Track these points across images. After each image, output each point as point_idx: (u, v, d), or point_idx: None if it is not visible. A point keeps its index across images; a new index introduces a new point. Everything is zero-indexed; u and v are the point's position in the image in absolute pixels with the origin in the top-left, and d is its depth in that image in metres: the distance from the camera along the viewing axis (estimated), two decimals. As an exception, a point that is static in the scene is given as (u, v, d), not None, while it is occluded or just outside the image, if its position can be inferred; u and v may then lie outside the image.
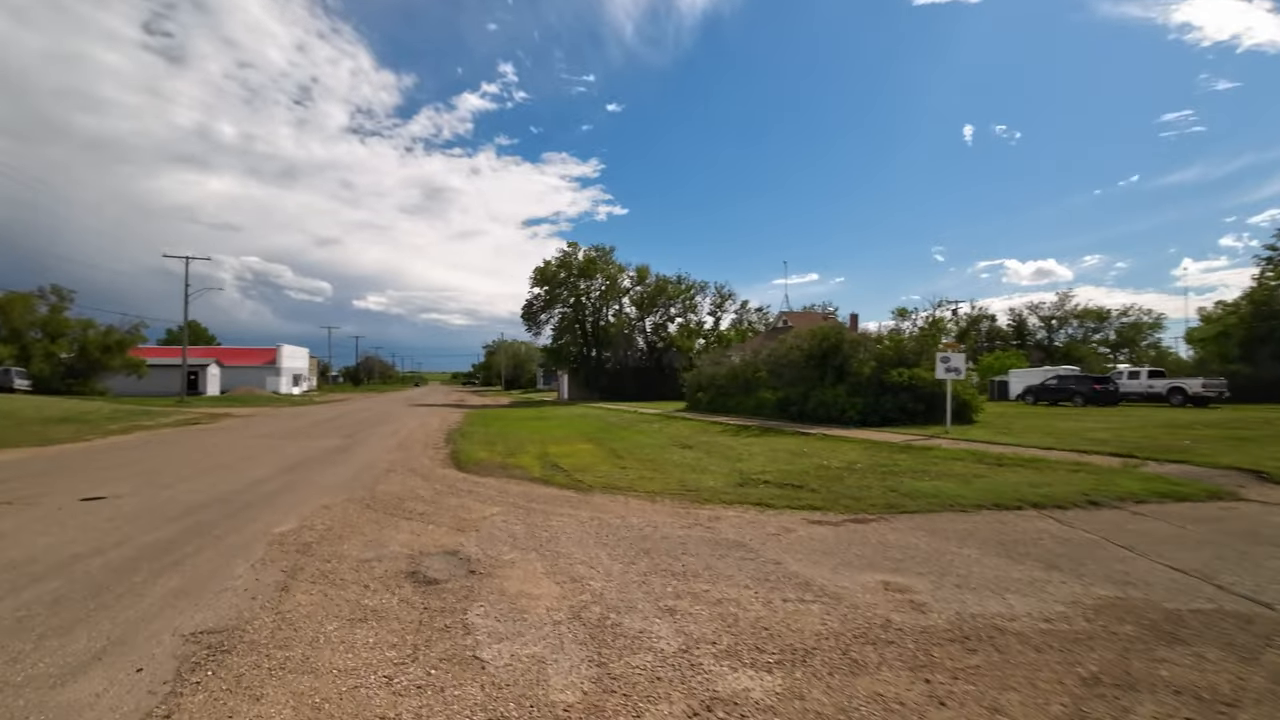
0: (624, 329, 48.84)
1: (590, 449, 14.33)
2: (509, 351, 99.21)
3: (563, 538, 6.03)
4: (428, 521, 6.72)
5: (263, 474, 9.98)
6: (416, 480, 9.67)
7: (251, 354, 65.35)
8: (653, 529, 6.40)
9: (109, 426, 20.40)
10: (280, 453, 13.11)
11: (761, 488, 8.80)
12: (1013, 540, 5.77)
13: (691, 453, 13.27)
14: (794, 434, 15.84)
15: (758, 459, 11.94)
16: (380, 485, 9.08)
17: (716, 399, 24.84)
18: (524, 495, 8.45)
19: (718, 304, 53.07)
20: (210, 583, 4.53)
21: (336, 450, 13.76)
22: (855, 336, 17.77)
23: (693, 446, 14.65)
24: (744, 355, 25.31)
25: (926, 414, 16.40)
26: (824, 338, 17.93)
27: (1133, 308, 56.63)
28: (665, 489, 8.83)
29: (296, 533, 6.07)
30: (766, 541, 5.86)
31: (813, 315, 39.75)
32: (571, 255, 48.98)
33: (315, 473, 10.25)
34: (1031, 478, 8.69)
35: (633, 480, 9.61)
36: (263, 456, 12.47)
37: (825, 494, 8.12)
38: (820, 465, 10.69)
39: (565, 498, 8.28)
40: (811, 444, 13.81)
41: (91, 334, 37.50)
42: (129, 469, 10.56)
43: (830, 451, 12.48)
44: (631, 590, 4.45)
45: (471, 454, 13.08)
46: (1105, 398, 30.27)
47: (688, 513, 7.28)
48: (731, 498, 8.08)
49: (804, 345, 18.84)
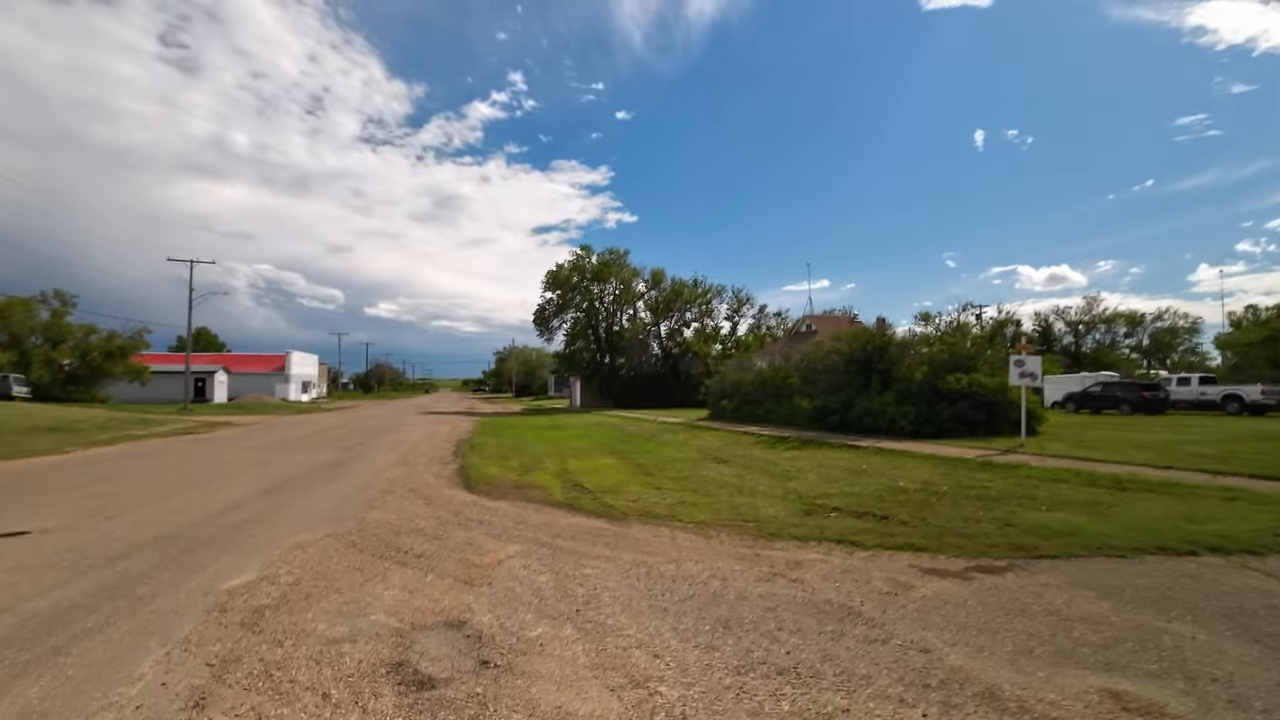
0: (638, 334, 47.31)
1: (614, 464, 12.79)
2: (520, 358, 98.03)
3: (605, 597, 4.49)
4: (426, 569, 5.20)
5: (238, 496, 8.52)
6: (417, 505, 8.17)
7: (260, 361, 64.57)
8: (721, 583, 4.84)
9: (96, 437, 19.15)
10: (267, 468, 11.68)
11: (834, 517, 7.22)
12: (1233, 609, 4.15)
13: (729, 469, 11.70)
14: (841, 447, 14.20)
15: (809, 478, 10.35)
16: (373, 512, 7.59)
17: (743, 407, 23.23)
18: (546, 527, 6.92)
19: (735, 308, 51.50)
20: (79, 698, 3.00)
21: (331, 465, 12.31)
22: (902, 339, 16.18)
23: (728, 461, 13.08)
24: (772, 360, 23.72)
25: (988, 425, 14.70)
26: (867, 340, 16.27)
27: (1167, 311, 54.39)
28: (716, 518, 7.27)
29: (250, 590, 4.56)
30: (885, 606, 4.28)
31: (837, 319, 38.04)
32: (585, 259, 47.61)
33: (300, 495, 8.78)
34: (1177, 508, 7.03)
35: (673, 506, 8.05)
36: (246, 473, 11.04)
37: (922, 528, 6.51)
38: (892, 487, 9.07)
39: (597, 531, 6.74)
40: (867, 459, 12.18)
41: (94, 340, 36.48)
42: (83, 491, 9.14)
43: (894, 469, 10.84)
44: (727, 705, 2.90)
45: (482, 470, 11.59)
46: (1154, 405, 28.38)
47: (757, 554, 5.71)
48: (803, 531, 6.50)
49: (843, 349, 17.21)
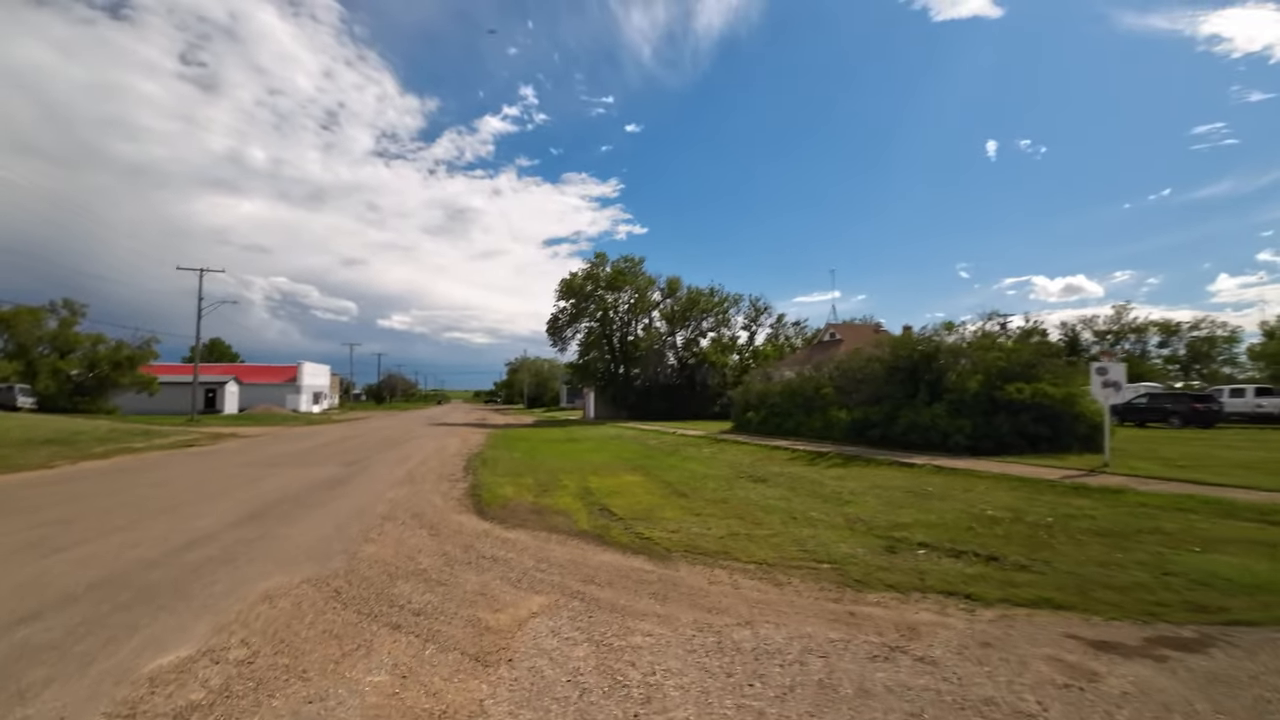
0: (654, 344, 46.01)
1: (641, 483, 11.51)
2: (531, 369, 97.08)
3: (670, 688, 3.22)
4: (426, 636, 3.95)
5: (212, 524, 7.33)
6: (421, 536, 6.95)
7: (272, 371, 64.11)
8: (824, 663, 3.54)
9: (92, 450, 18.19)
10: (256, 488, 10.52)
11: (925, 557, 5.88)
12: None
13: (772, 490, 10.37)
14: (891, 464, 12.80)
15: (868, 501, 9.00)
16: (368, 546, 6.37)
17: (770, 419, 21.85)
18: (575, 567, 5.65)
19: (752, 318, 50.05)
20: None
21: (329, 483, 11.15)
22: (954, 344, 14.80)
23: (767, 480, 11.75)
24: (801, 369, 22.36)
25: (1051, 440, 13.22)
26: (914, 346, 14.87)
27: (1205, 320, 52.15)
28: (780, 556, 5.96)
29: (182, 676, 3.34)
30: (1079, 713, 2.96)
31: (862, 328, 36.56)
32: (599, 267, 46.53)
33: (286, 522, 7.58)
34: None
35: (722, 539, 6.76)
36: (231, 494, 9.88)
37: (1051, 576, 5.15)
38: (975, 515, 7.70)
39: (639, 574, 5.46)
40: (926, 479, 10.79)
41: (102, 350, 35.88)
42: (37, 515, 7.99)
43: (965, 492, 9.45)
44: None
45: (496, 490, 10.36)
46: (1205, 418, 26.65)
47: (850, 613, 4.41)
48: (897, 577, 5.19)
49: (885, 356, 15.82)
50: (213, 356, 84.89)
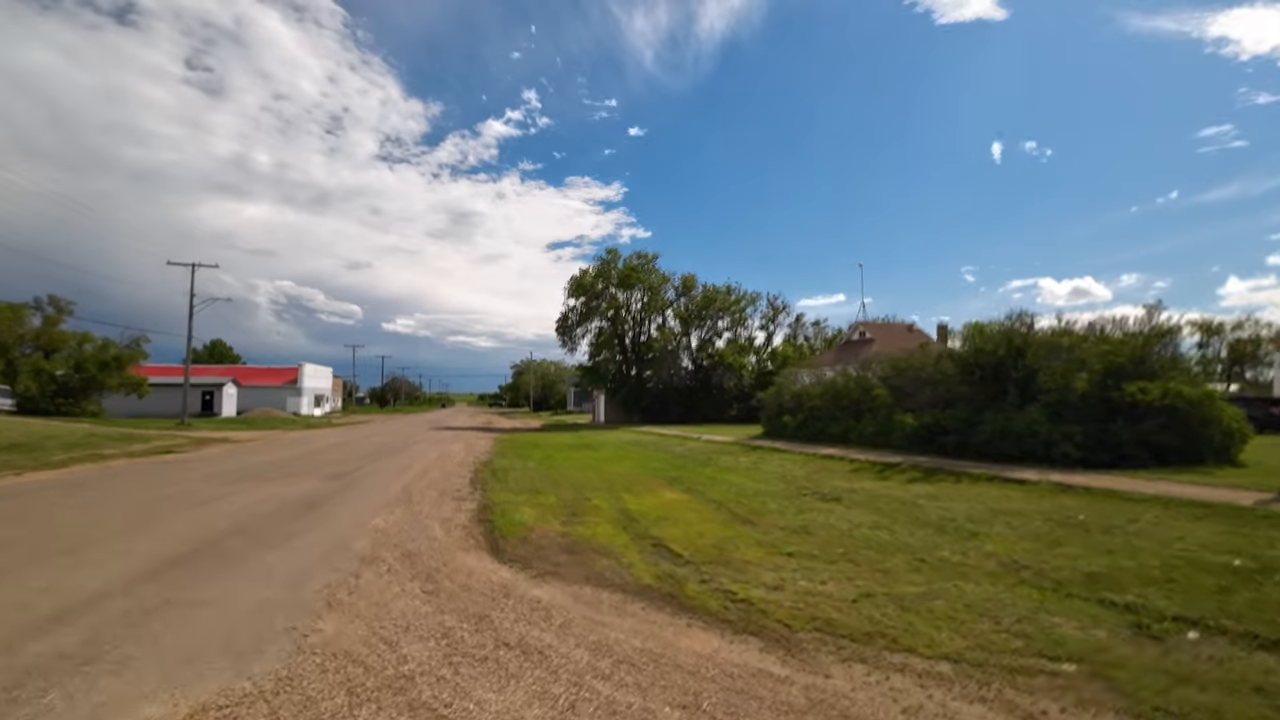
0: (668, 344, 43.74)
1: (687, 502, 9.31)
2: (537, 372, 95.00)
3: None
4: None
5: (105, 578, 5.08)
6: (412, 596, 4.75)
7: (271, 374, 62.10)
8: None
9: (52, 457, 16.09)
10: (206, 513, 8.34)
11: (1205, 645, 3.64)
12: None
13: (856, 513, 8.16)
14: (992, 479, 10.53)
15: (1003, 535, 6.78)
16: (327, 622, 4.17)
17: (808, 424, 19.58)
18: (660, 668, 3.44)
19: (770, 317, 47.82)
20: None
21: (305, 505, 8.97)
22: (1050, 337, 12.49)
23: (840, 499, 9.56)
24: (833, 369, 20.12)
25: (1181, 450, 10.90)
26: (1004, 338, 12.54)
27: (1248, 319, 49.53)
28: (972, 642, 3.75)
29: None
30: None
31: (894, 326, 34.17)
32: (611, 263, 44.29)
33: (214, 575, 5.36)
34: None
35: (855, 602, 4.54)
36: (167, 522, 7.70)
37: None
38: (1198, 561, 5.44)
39: (770, 686, 3.23)
40: (1060, 501, 8.52)
41: (88, 349, 33.87)
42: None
43: (1128, 522, 7.18)
44: None
45: (512, 513, 8.17)
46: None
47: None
48: (1202, 697, 2.96)
49: (961, 352, 13.55)
50: (214, 358, 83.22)
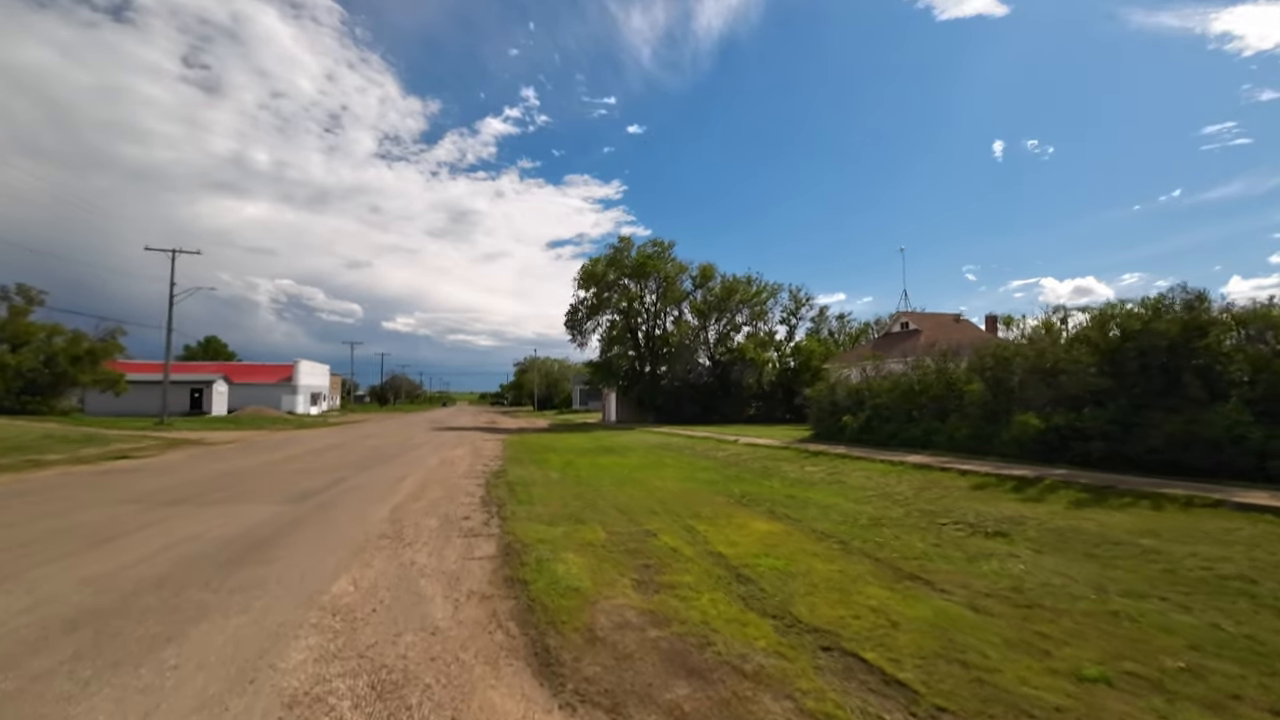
0: (685, 339, 40.84)
1: (797, 540, 6.52)
2: (541, 370, 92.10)
3: None
4: None
5: None
6: None
7: (265, 370, 59.22)
8: None
9: (-26, 465, 13.33)
10: (90, 564, 5.56)
11: None
12: None
13: (1072, 564, 5.38)
14: (1208, 505, 7.69)
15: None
16: None
17: (874, 425, 16.80)
18: None
19: (792, 310, 44.93)
20: None
21: (241, 550, 6.17)
22: (1240, 313, 9.63)
23: (1006, 534, 6.80)
24: (917, 359, 17.31)
25: None
26: (1168, 322, 9.63)
27: None
28: None
29: None
30: None
31: (940, 317, 31.21)
32: (624, 252, 41.32)
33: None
34: None
35: None
36: (7, 588, 4.92)
37: None
38: None
39: None
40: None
41: (58, 342, 31.11)
42: None
43: None
44: None
45: (554, 568, 5.37)
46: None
47: None
48: None
49: (1096, 337, 10.67)
50: (209, 355, 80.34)
